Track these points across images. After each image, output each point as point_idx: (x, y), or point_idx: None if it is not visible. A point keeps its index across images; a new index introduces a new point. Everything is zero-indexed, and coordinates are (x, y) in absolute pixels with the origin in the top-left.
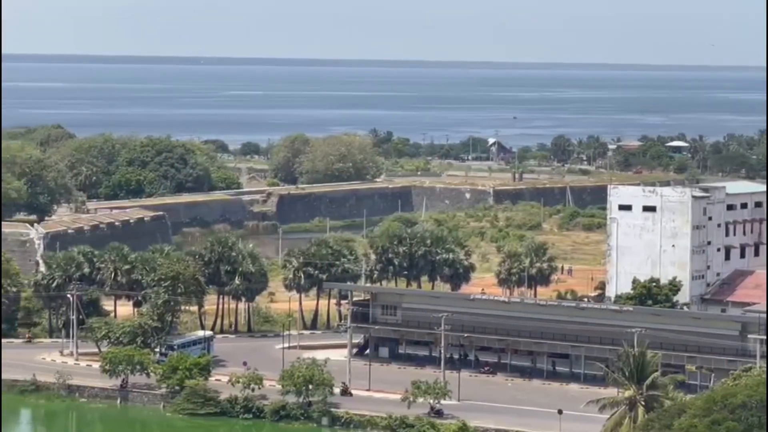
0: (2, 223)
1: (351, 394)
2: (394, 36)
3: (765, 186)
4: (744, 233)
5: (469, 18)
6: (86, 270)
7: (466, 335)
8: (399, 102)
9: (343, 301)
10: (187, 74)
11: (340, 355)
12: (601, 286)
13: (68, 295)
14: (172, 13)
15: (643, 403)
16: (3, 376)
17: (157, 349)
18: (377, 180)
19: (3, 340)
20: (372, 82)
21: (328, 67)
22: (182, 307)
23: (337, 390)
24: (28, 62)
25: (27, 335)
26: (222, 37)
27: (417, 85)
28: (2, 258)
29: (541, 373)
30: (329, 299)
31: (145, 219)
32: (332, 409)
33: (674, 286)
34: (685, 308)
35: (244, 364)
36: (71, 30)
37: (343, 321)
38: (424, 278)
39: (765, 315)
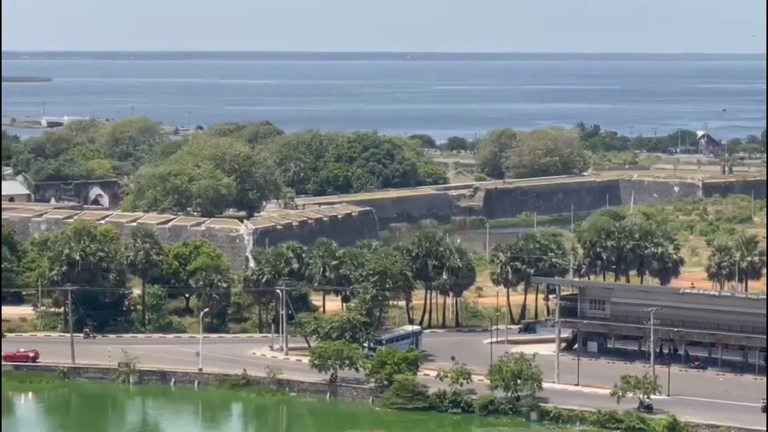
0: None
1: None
2: (601, 28)
3: None
4: None
5: (675, 10)
6: (295, 265)
7: (675, 330)
8: (606, 95)
9: (551, 296)
10: (394, 69)
11: (548, 350)
12: None
13: (277, 291)
14: (380, 8)
15: None
16: (216, 371)
17: (366, 344)
18: (584, 174)
19: (214, 335)
20: (579, 75)
21: (534, 61)
22: (390, 302)
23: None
24: (238, 59)
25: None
26: (429, 32)
27: (624, 77)
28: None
29: (753, 368)
30: (537, 294)
31: (353, 214)
32: (541, 404)
33: None
34: None
35: (453, 358)
36: (277, 28)
37: (551, 315)
38: (633, 272)
39: None
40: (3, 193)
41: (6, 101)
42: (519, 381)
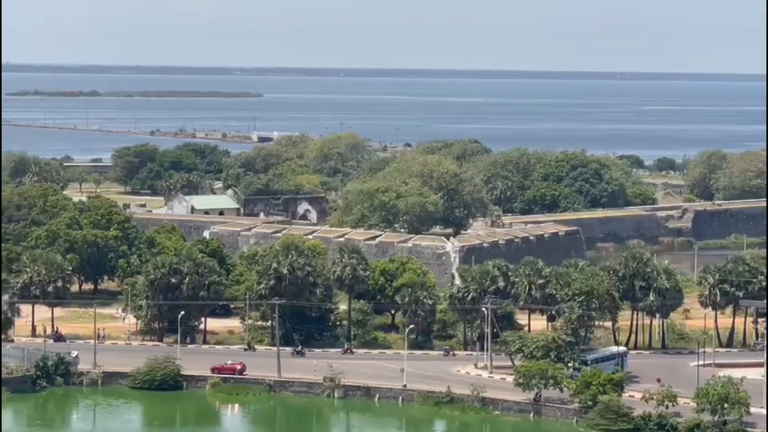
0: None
1: None
2: None
3: None
4: None
5: None
6: (501, 284)
7: None
8: None
9: (760, 319)
10: (602, 89)
11: (757, 374)
12: None
13: (483, 309)
14: (590, 27)
15: None
16: (420, 387)
17: (571, 364)
18: None
19: (419, 352)
20: None
21: (742, 82)
22: (596, 322)
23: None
24: (447, 77)
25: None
26: (638, 51)
27: None
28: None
29: None
30: (746, 317)
31: (560, 234)
32: (748, 429)
33: None
34: None
35: (658, 380)
36: (485, 46)
37: (760, 339)
38: None
39: None
40: (214, 207)
41: (218, 116)
42: (726, 405)
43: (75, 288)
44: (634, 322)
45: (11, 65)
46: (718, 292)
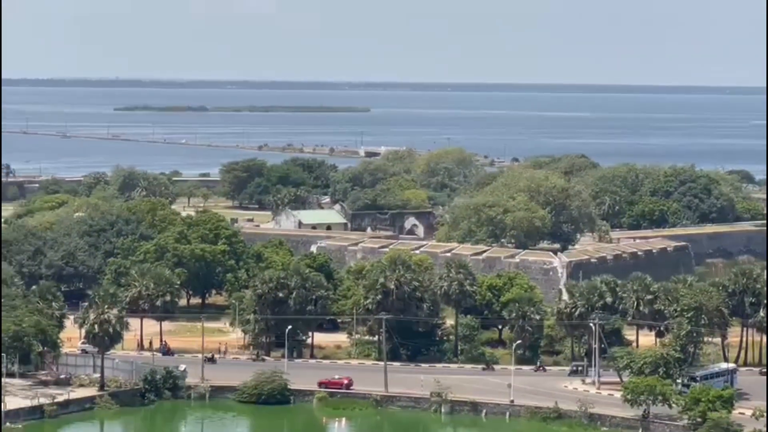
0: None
1: None
2: None
3: None
4: None
5: None
6: (609, 299)
7: None
8: None
9: None
10: (711, 103)
11: None
12: None
13: (590, 324)
14: (696, 42)
15: None
16: (527, 403)
17: (679, 380)
18: None
19: (527, 367)
20: None
21: None
22: (705, 339)
23: None
24: (553, 92)
25: (539, 364)
26: (745, 65)
27: None
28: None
29: None
30: None
31: (668, 249)
32: None
33: None
34: None
35: None
36: (591, 60)
37: None
38: None
39: None
40: (321, 222)
41: (325, 131)
42: None
43: (183, 302)
44: (744, 339)
45: (121, 81)
46: None
